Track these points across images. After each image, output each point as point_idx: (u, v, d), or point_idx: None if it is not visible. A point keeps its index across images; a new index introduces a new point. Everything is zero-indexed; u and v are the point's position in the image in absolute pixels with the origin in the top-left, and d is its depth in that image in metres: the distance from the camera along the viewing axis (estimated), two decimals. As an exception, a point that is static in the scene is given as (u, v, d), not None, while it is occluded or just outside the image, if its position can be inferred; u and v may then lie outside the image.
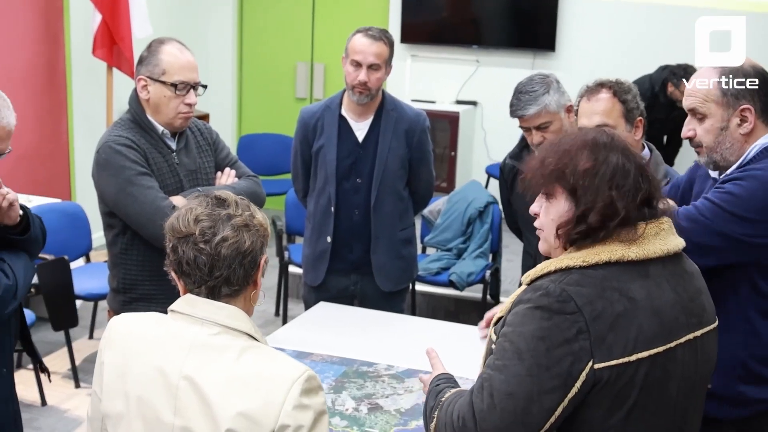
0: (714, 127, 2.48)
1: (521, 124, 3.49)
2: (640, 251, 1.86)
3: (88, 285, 4.90)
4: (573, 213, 1.89)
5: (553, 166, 1.92)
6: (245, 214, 1.90)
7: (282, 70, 8.49)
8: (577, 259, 1.85)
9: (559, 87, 3.49)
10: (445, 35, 7.91)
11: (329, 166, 3.83)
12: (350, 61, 3.73)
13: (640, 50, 7.15)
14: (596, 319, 1.78)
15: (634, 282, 1.85)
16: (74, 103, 6.65)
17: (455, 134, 7.48)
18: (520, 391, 1.78)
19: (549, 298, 1.80)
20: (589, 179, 1.87)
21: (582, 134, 1.98)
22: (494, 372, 1.83)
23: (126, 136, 3.13)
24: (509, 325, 1.86)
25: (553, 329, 1.78)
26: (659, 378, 1.85)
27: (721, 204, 2.41)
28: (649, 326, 1.83)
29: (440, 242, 5.86)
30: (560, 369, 1.77)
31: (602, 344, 1.78)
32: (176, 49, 3.17)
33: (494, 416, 1.80)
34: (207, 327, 1.87)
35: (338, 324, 3.59)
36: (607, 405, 1.81)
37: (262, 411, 1.77)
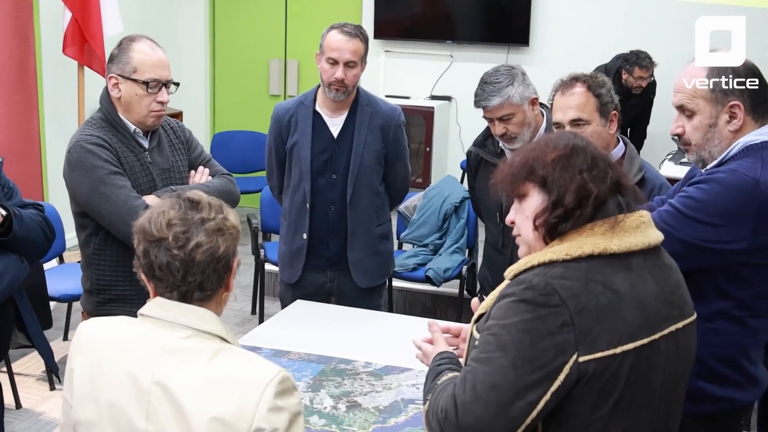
0: (703, 123, 2.45)
1: (485, 114, 3.50)
2: (622, 243, 1.86)
3: (62, 286, 4.85)
4: (547, 202, 1.90)
5: (521, 163, 1.94)
6: (218, 217, 1.87)
7: (255, 67, 8.46)
8: (560, 253, 1.85)
9: (525, 79, 3.49)
10: (419, 31, 7.90)
11: (304, 163, 3.81)
12: (326, 59, 3.71)
13: (614, 44, 7.16)
14: (580, 311, 1.78)
15: (617, 274, 1.85)
16: (45, 102, 6.59)
17: (430, 129, 7.47)
18: (503, 384, 1.78)
19: (533, 291, 1.80)
20: (558, 167, 1.89)
21: (546, 135, 2.02)
22: (478, 364, 1.83)
23: (97, 135, 3.09)
24: (493, 318, 1.86)
25: (537, 322, 1.78)
26: (644, 370, 1.85)
27: (683, 209, 2.39)
28: (634, 318, 1.83)
29: (416, 238, 5.85)
30: (544, 362, 1.77)
31: (587, 337, 1.78)
32: (148, 47, 3.13)
33: (477, 408, 1.80)
34: (178, 330, 1.85)
35: (315, 321, 3.57)
36: (592, 398, 1.81)
37: (235, 415, 1.75)
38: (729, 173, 2.37)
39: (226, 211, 1.91)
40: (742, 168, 2.37)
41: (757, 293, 2.45)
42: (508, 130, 3.46)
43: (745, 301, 2.45)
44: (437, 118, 7.52)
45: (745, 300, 2.45)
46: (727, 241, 2.36)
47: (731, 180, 2.36)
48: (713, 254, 2.38)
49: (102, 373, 1.86)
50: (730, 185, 2.36)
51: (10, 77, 6.24)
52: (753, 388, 2.54)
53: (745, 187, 2.34)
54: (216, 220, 1.86)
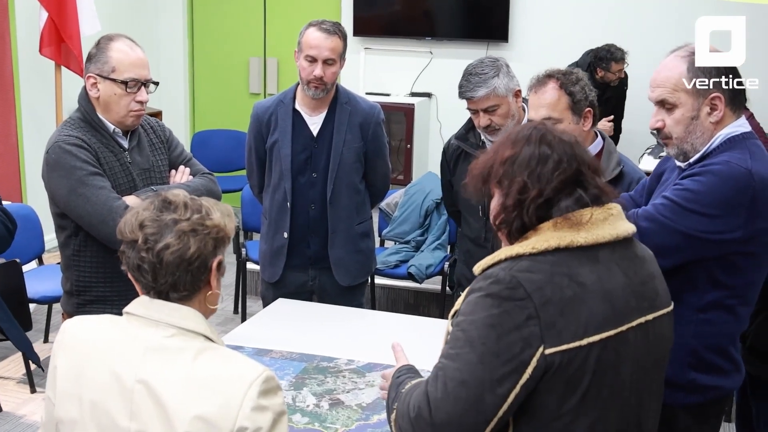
0: (685, 116, 2.46)
1: (469, 105, 3.51)
2: (589, 236, 1.88)
3: (42, 288, 4.82)
4: (501, 202, 1.94)
5: (482, 164, 1.99)
6: (194, 217, 1.85)
7: (235, 66, 8.43)
8: (526, 246, 1.87)
9: (509, 71, 3.50)
10: (398, 27, 7.90)
11: (284, 161, 3.80)
12: (304, 56, 3.70)
13: (592, 39, 7.17)
14: (545, 304, 1.79)
15: (583, 267, 1.86)
16: (22, 103, 6.54)
17: (411, 126, 7.47)
18: (472, 379, 1.80)
19: (499, 285, 1.82)
20: (506, 167, 1.93)
21: (507, 133, 2.03)
22: (447, 360, 1.85)
23: (76, 135, 3.07)
24: (462, 314, 1.88)
25: (503, 316, 1.80)
26: (611, 361, 1.86)
27: (680, 201, 2.41)
28: (600, 310, 1.84)
29: (398, 235, 5.85)
30: (511, 355, 1.78)
31: (552, 329, 1.79)
32: (126, 46, 3.11)
33: (448, 404, 1.81)
34: (162, 329, 1.84)
35: (297, 320, 3.57)
36: (560, 390, 1.82)
37: (219, 413, 1.75)
38: (723, 165, 2.40)
39: (208, 209, 1.89)
40: (735, 159, 2.40)
41: (748, 281, 2.49)
42: (493, 121, 3.47)
43: (738, 289, 2.48)
44: (418, 114, 7.52)
45: (737, 288, 2.48)
46: (724, 231, 2.38)
47: (726, 171, 2.39)
48: (711, 245, 2.40)
49: (85, 372, 1.86)
50: (725, 176, 2.38)
51: (-13, 78, 6.21)
52: (737, 374, 2.59)
53: (739, 177, 2.37)
54: (191, 221, 1.84)
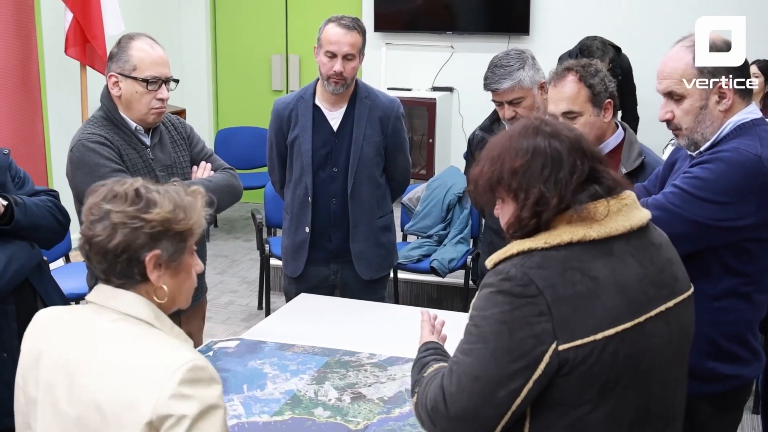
0: (694, 107, 2.47)
1: (494, 97, 3.51)
2: (602, 230, 1.87)
3: (69, 285, 4.84)
4: (515, 213, 1.93)
5: (489, 174, 1.96)
6: (129, 209, 1.83)
7: (257, 63, 8.47)
8: (538, 241, 1.87)
9: (535, 63, 3.51)
10: (419, 22, 7.89)
11: (305, 157, 3.82)
12: (324, 52, 3.72)
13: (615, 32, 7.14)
14: (558, 300, 1.79)
15: (596, 261, 1.85)
16: (49, 102, 6.60)
17: (432, 121, 7.46)
18: (485, 374, 1.81)
19: (511, 282, 1.82)
20: (519, 177, 1.90)
21: (509, 132, 2.00)
22: (462, 355, 1.87)
23: (99, 133, 3.11)
24: (474, 308, 1.89)
25: (514, 313, 1.80)
26: (631, 354, 1.85)
27: (690, 190, 2.41)
28: (614, 304, 1.84)
29: (420, 229, 5.86)
30: (523, 352, 1.79)
31: (565, 325, 1.79)
32: (146, 45, 3.15)
33: (463, 399, 1.83)
34: (107, 314, 1.86)
35: (319, 314, 3.59)
36: (577, 383, 1.82)
37: (141, 399, 1.73)
38: (733, 152, 2.40)
39: (155, 203, 1.86)
40: (744, 146, 2.40)
41: (763, 267, 2.48)
42: (518, 113, 3.48)
43: (753, 276, 2.47)
44: (439, 109, 7.51)
45: (752, 275, 2.47)
46: (735, 218, 2.38)
47: (736, 158, 2.38)
48: (723, 232, 2.40)
49: (43, 357, 1.89)
50: (735, 163, 2.38)
51: (14, 79, 6.26)
52: (757, 363, 2.58)
53: (749, 164, 2.37)
54: (123, 213, 1.82)
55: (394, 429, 2.62)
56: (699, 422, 2.52)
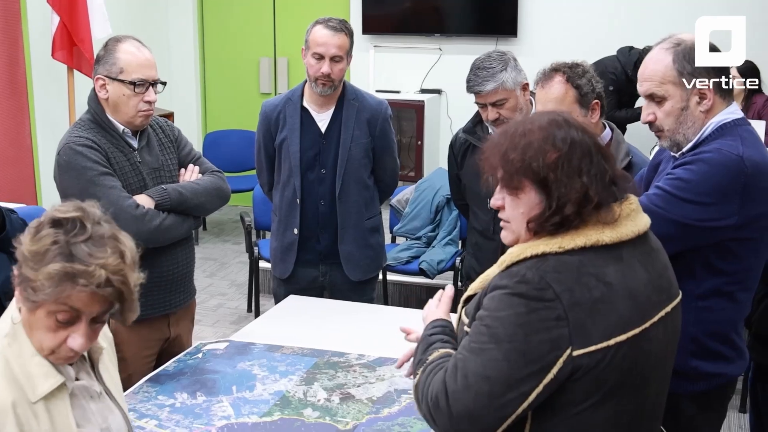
0: (675, 108, 2.48)
1: (477, 99, 3.53)
2: (614, 234, 1.86)
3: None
4: (545, 205, 1.87)
5: (520, 161, 1.88)
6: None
7: (245, 66, 8.46)
8: (553, 245, 1.84)
9: (516, 65, 3.52)
10: (407, 25, 7.90)
11: (293, 158, 3.83)
12: (312, 54, 3.73)
13: (602, 34, 7.17)
14: (574, 305, 1.78)
15: (609, 266, 1.84)
16: (36, 106, 6.58)
17: (421, 123, 7.47)
18: (496, 376, 1.78)
19: (527, 285, 1.79)
20: (559, 170, 1.85)
21: (538, 121, 1.94)
22: (469, 354, 1.83)
23: (86, 136, 3.10)
24: (486, 309, 1.85)
25: (531, 316, 1.77)
26: (636, 358, 1.86)
27: (673, 191, 2.42)
28: (626, 310, 1.83)
29: (409, 231, 5.86)
30: (538, 356, 1.77)
31: (581, 331, 1.78)
32: (133, 47, 3.14)
33: (467, 398, 1.80)
34: None
35: (308, 316, 3.60)
36: (584, 389, 1.82)
37: None
38: (715, 152, 2.41)
39: (28, 239, 1.74)
40: (726, 146, 2.41)
41: (747, 267, 2.50)
42: (501, 115, 3.49)
43: (736, 275, 2.49)
44: (428, 111, 7.52)
45: (736, 274, 2.48)
46: (718, 218, 2.39)
47: (718, 158, 2.40)
48: (705, 232, 2.41)
49: None
50: (717, 163, 2.39)
51: (0, 82, 6.25)
52: (740, 361, 2.60)
53: (731, 164, 2.38)
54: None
55: (383, 429, 2.62)
56: (684, 421, 2.54)
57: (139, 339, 3.24)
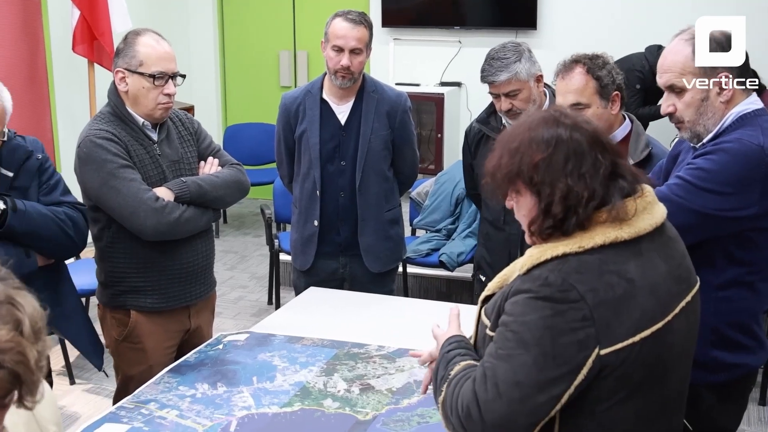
0: (694, 99, 2.47)
1: (491, 90, 3.52)
2: (631, 230, 1.85)
3: (79, 281, 4.81)
4: (538, 207, 1.87)
5: (508, 165, 1.89)
6: None
7: (265, 59, 8.48)
8: (573, 245, 1.82)
9: (531, 56, 3.52)
10: (427, 18, 7.88)
11: (313, 150, 3.84)
12: (331, 46, 3.74)
13: (622, 27, 7.14)
14: (599, 305, 1.77)
15: (629, 262, 1.83)
16: (57, 100, 6.63)
17: (441, 116, 7.46)
18: (527, 381, 1.77)
19: (551, 288, 1.78)
20: (542, 171, 1.84)
21: (528, 121, 1.94)
22: (498, 361, 1.81)
23: (106, 129, 3.12)
24: (510, 314, 1.83)
25: (557, 318, 1.76)
26: (660, 352, 1.85)
27: (693, 181, 2.41)
28: (649, 305, 1.83)
29: (429, 224, 5.87)
30: (567, 358, 1.76)
31: (607, 329, 1.77)
32: (153, 40, 3.16)
33: (500, 405, 1.78)
34: None
35: (328, 307, 3.60)
36: (611, 386, 1.81)
37: None
38: (735, 142, 2.40)
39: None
40: (746, 136, 2.40)
41: (766, 256, 2.49)
42: (514, 106, 3.49)
43: (757, 265, 2.48)
44: (447, 104, 7.51)
45: (756, 264, 2.48)
46: (738, 208, 2.39)
47: (738, 148, 2.39)
48: (726, 222, 2.41)
49: None
50: (737, 153, 2.38)
51: (22, 77, 6.28)
52: (761, 351, 2.59)
53: (751, 154, 2.38)
54: None
55: (402, 419, 2.63)
56: (704, 411, 2.53)
57: (159, 330, 3.26)
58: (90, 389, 4.80)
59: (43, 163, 3.04)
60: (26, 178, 2.96)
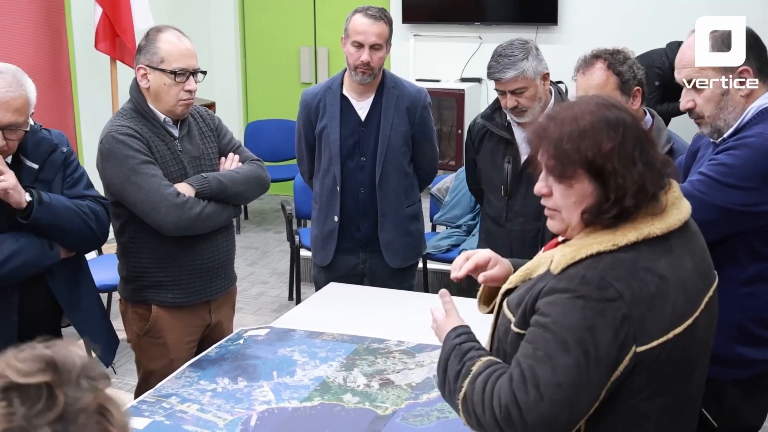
0: (715, 94, 2.46)
1: (497, 86, 3.53)
2: (663, 225, 1.84)
3: (101, 276, 4.91)
4: (599, 196, 1.82)
5: (575, 152, 1.82)
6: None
7: (286, 56, 8.49)
8: (607, 243, 1.81)
9: (538, 54, 3.52)
10: (447, 13, 7.87)
11: (333, 146, 3.85)
12: (351, 42, 3.75)
13: (644, 22, 7.10)
14: (635, 302, 1.75)
15: (661, 259, 1.82)
16: (80, 97, 6.67)
17: (461, 112, 7.45)
18: (568, 381, 1.75)
19: (588, 286, 1.77)
20: (616, 160, 1.80)
21: (586, 105, 1.88)
22: (537, 363, 1.79)
23: (128, 125, 3.14)
24: (547, 315, 1.81)
25: (597, 318, 1.75)
26: (687, 347, 1.85)
27: (716, 176, 2.40)
28: (680, 301, 1.82)
29: (449, 219, 5.86)
30: (607, 357, 1.75)
31: (643, 327, 1.76)
32: (174, 37, 3.17)
33: (542, 407, 1.76)
34: None
35: (348, 303, 3.61)
36: (641, 382, 1.81)
37: None
38: (758, 137, 2.39)
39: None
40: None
41: None
42: (520, 103, 3.49)
43: None
44: (468, 100, 7.50)
45: None
46: (762, 203, 2.38)
47: (761, 143, 2.38)
48: (749, 217, 2.40)
49: None
50: (760, 148, 2.38)
51: (45, 74, 6.33)
52: None
53: None
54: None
55: (422, 414, 2.63)
56: (728, 407, 2.52)
57: (180, 325, 3.28)
58: (112, 383, 4.82)
59: (68, 156, 3.06)
60: (51, 170, 2.99)
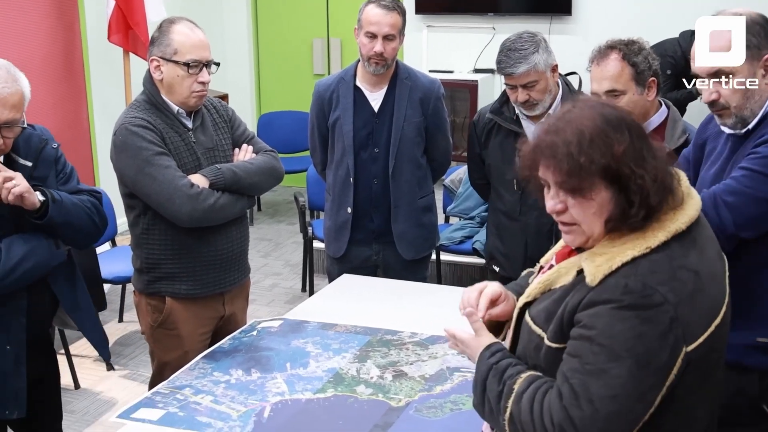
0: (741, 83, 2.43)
1: (508, 81, 3.49)
2: (685, 218, 1.81)
3: (115, 269, 4.95)
4: (620, 201, 1.78)
5: (589, 162, 1.76)
6: None
7: (299, 47, 8.49)
8: (640, 248, 1.77)
9: (547, 46, 3.49)
10: (460, 4, 7.85)
11: (346, 137, 3.84)
12: (365, 33, 3.74)
13: (658, 12, 7.06)
14: (679, 303, 1.73)
15: (690, 253, 1.80)
16: (93, 89, 6.69)
17: (474, 103, 7.43)
18: (623, 393, 1.72)
19: (633, 295, 1.72)
20: (631, 161, 1.76)
21: (583, 111, 1.82)
22: (588, 377, 1.74)
23: (142, 117, 3.14)
24: (591, 327, 1.76)
25: (645, 325, 1.71)
26: (724, 334, 1.85)
27: (762, 169, 2.35)
28: (714, 293, 1.81)
29: (462, 211, 5.85)
30: (660, 363, 1.73)
31: (689, 327, 1.74)
32: (187, 28, 3.17)
33: (599, 421, 1.73)
34: None
35: (361, 294, 3.61)
36: (690, 379, 1.79)
37: None
38: None
39: None
40: None
41: None
42: (531, 96, 3.46)
43: None
44: (481, 91, 7.48)
45: None
46: None
47: None
48: None
49: None
50: None
51: (58, 66, 6.35)
52: None
53: None
54: None
55: (435, 406, 2.63)
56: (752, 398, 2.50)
57: (194, 317, 3.29)
58: (126, 375, 4.85)
59: (57, 151, 3.01)
60: (45, 167, 2.91)
